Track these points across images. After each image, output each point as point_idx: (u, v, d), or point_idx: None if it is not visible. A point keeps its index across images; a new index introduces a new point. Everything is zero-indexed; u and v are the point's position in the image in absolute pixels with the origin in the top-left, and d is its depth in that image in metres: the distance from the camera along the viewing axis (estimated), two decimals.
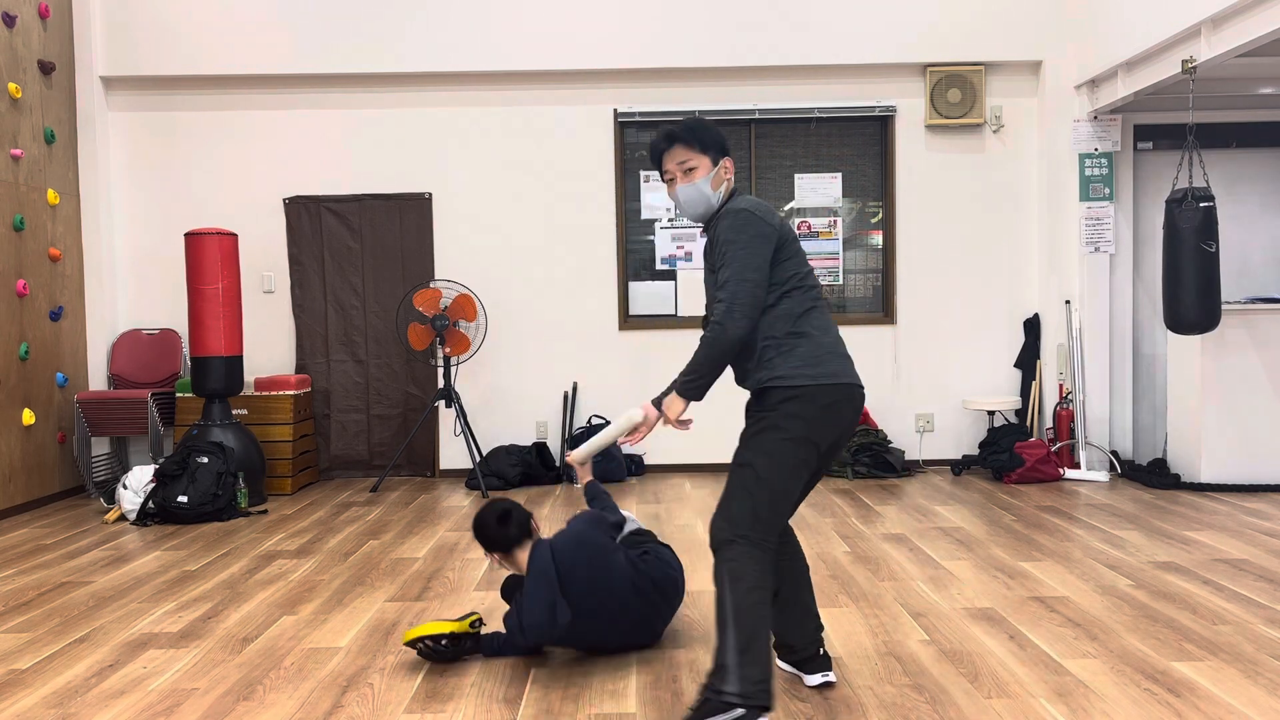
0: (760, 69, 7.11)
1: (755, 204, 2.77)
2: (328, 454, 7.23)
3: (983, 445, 6.86)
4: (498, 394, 7.24)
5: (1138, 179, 7.17)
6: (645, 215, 7.29)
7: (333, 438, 7.21)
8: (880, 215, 7.32)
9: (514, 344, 7.23)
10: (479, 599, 4.09)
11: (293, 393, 6.71)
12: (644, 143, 7.29)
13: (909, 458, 7.24)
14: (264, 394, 6.68)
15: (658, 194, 7.28)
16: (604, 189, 7.22)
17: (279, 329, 7.25)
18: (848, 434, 2.80)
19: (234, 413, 6.56)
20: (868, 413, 7.21)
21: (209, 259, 6.16)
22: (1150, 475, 6.41)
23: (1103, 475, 6.61)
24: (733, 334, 2.66)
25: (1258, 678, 3.08)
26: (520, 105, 7.20)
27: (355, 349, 7.22)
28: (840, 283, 7.32)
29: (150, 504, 5.71)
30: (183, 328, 7.17)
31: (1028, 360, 7.15)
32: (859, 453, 6.87)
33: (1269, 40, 5.00)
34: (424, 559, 4.79)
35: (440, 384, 7.16)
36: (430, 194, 7.22)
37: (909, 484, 6.65)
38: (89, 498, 6.63)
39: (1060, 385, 7.02)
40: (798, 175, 7.27)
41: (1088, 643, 3.42)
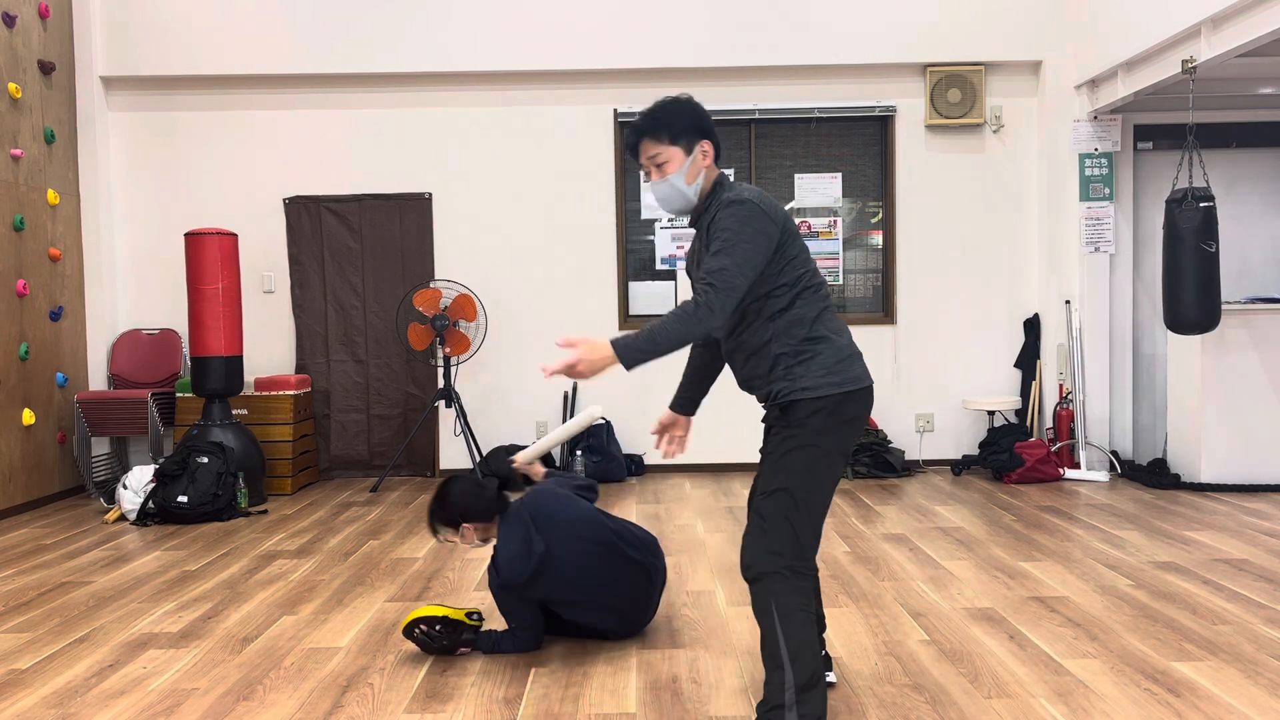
0: (760, 69, 7.11)
1: (759, 196, 2.60)
2: (328, 454, 7.23)
3: (983, 445, 6.86)
4: (498, 394, 7.24)
5: (1138, 179, 7.17)
6: (645, 215, 7.29)
7: (333, 438, 7.21)
8: (880, 215, 7.32)
9: (514, 344, 7.23)
10: (479, 599, 4.09)
11: (293, 393, 6.71)
12: None
13: (909, 458, 7.24)
14: (264, 394, 6.68)
15: None
16: (604, 189, 7.22)
17: (279, 329, 7.25)
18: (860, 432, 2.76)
19: (234, 413, 6.55)
20: None
21: (209, 259, 6.16)
22: (1150, 475, 6.41)
23: (1103, 475, 6.61)
24: (713, 324, 2.46)
25: (1258, 678, 3.08)
26: (520, 105, 7.20)
27: (355, 349, 7.22)
28: (840, 283, 7.32)
29: (150, 504, 5.71)
30: (183, 328, 7.17)
31: (1028, 360, 7.15)
32: (859, 453, 6.87)
33: (1269, 40, 5.00)
34: (424, 559, 4.79)
35: (440, 384, 7.16)
36: (430, 194, 7.22)
37: (909, 484, 6.65)
38: (89, 498, 6.63)
39: (1060, 385, 7.02)
40: (798, 175, 7.27)
41: (1088, 643, 3.42)
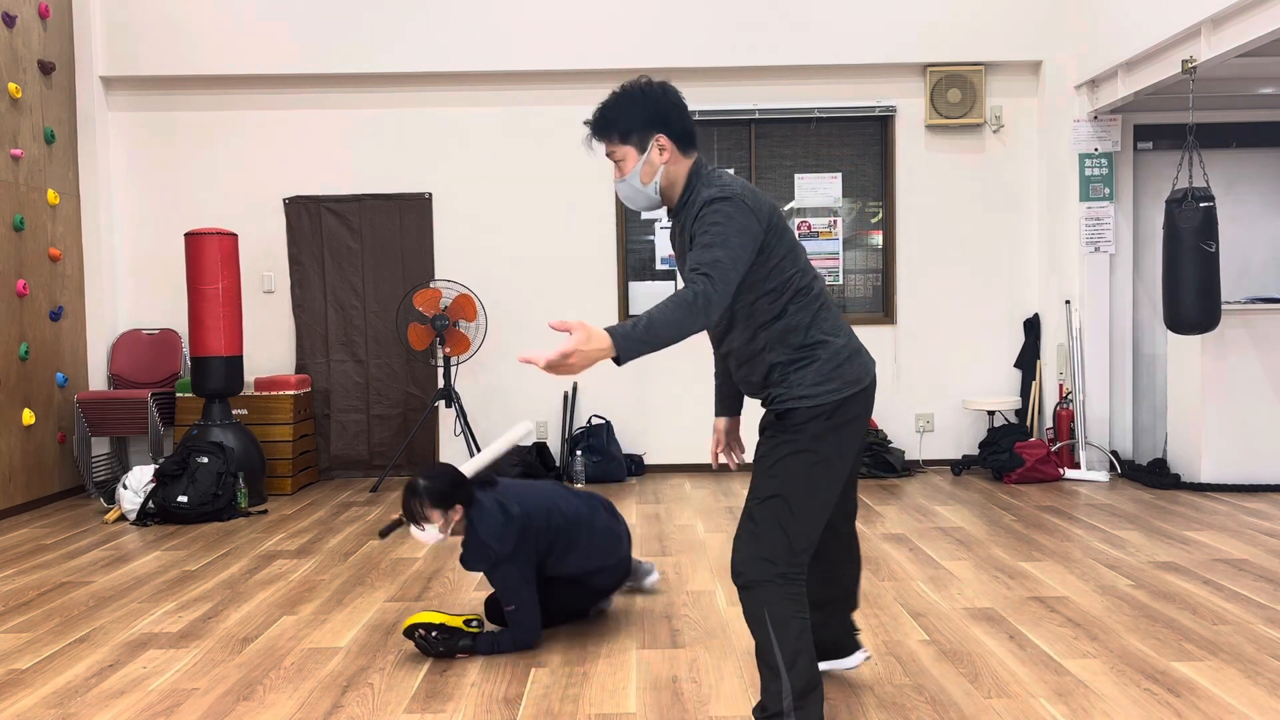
0: (760, 69, 7.11)
1: (743, 190, 2.45)
2: (328, 454, 7.23)
3: (983, 445, 6.86)
4: (498, 394, 7.24)
5: (1138, 179, 7.16)
6: (645, 215, 7.29)
7: (333, 438, 7.21)
8: (880, 215, 7.32)
9: (514, 344, 7.23)
10: (479, 599, 4.09)
11: (293, 393, 6.71)
12: None
13: (909, 458, 7.24)
14: (264, 394, 6.67)
15: None
16: (604, 189, 7.22)
17: (279, 329, 7.25)
18: (867, 426, 2.75)
19: (234, 413, 6.55)
20: None
21: (209, 259, 6.16)
22: (1150, 475, 6.41)
23: (1103, 475, 6.61)
24: (711, 317, 2.30)
25: (1258, 678, 3.08)
26: (520, 105, 7.20)
27: (355, 349, 7.22)
28: (840, 283, 7.31)
29: (150, 504, 5.71)
30: (183, 328, 7.17)
31: (1028, 360, 7.15)
32: (859, 452, 6.86)
33: (1269, 40, 5.00)
34: (424, 559, 4.79)
35: (440, 384, 7.15)
36: (430, 194, 7.22)
37: (909, 484, 6.65)
38: (89, 498, 6.63)
39: (1060, 385, 7.01)
40: (798, 175, 7.27)
41: (1088, 643, 3.42)
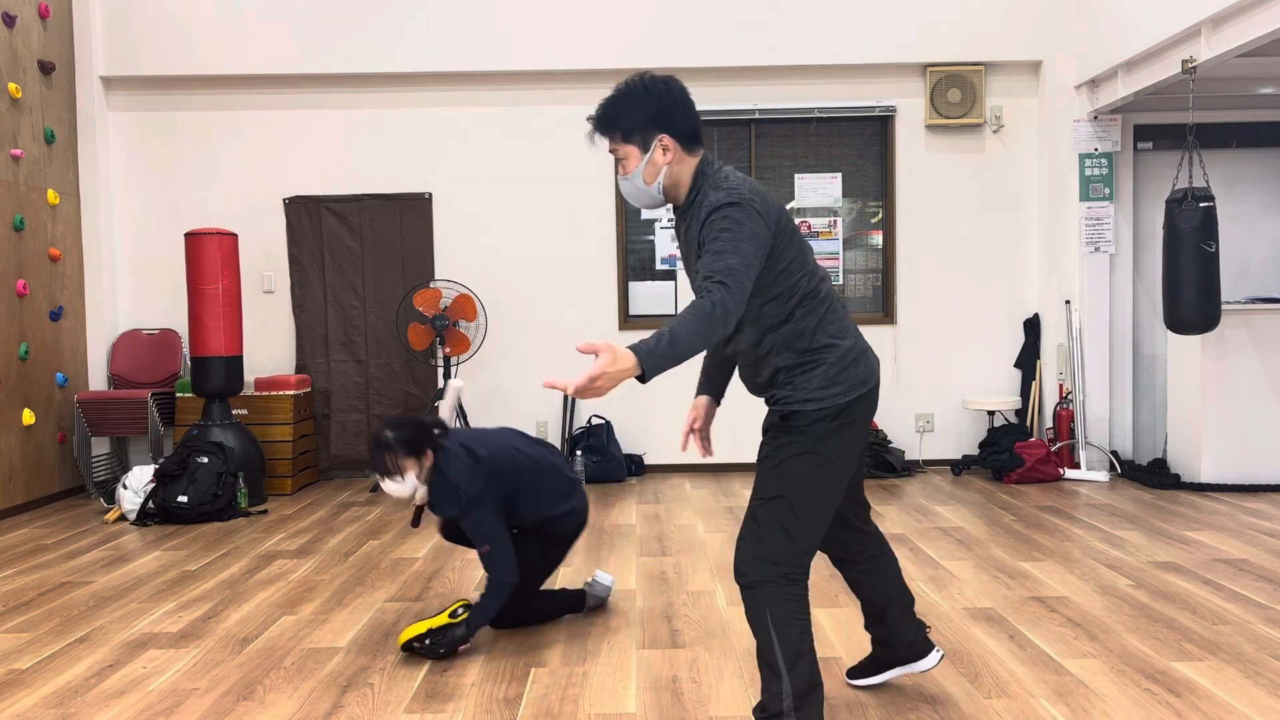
0: (760, 69, 7.11)
1: (752, 192, 2.41)
2: (328, 454, 7.22)
3: (983, 445, 6.86)
4: (498, 394, 7.24)
5: (1138, 179, 7.16)
6: (645, 215, 7.29)
7: (333, 438, 7.21)
8: (880, 215, 7.32)
9: (514, 344, 7.23)
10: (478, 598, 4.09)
11: (293, 393, 6.71)
12: None
13: (909, 458, 7.24)
14: (264, 394, 6.67)
15: None
16: (604, 189, 7.22)
17: (279, 329, 7.25)
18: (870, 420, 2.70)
19: (234, 413, 6.55)
20: None
21: (209, 259, 6.16)
22: (1150, 475, 6.41)
23: (1103, 475, 6.61)
24: (729, 326, 2.26)
25: (1258, 678, 3.07)
26: (520, 105, 7.20)
27: (355, 349, 7.22)
28: (840, 283, 7.31)
29: (150, 504, 5.71)
30: (183, 328, 7.17)
31: (1028, 360, 7.14)
32: (862, 452, 6.86)
33: (1269, 40, 5.00)
34: (424, 559, 4.79)
35: (440, 384, 7.15)
36: (430, 194, 7.22)
37: (909, 484, 6.65)
38: (89, 498, 6.63)
39: (1060, 385, 7.01)
40: (798, 175, 7.27)
41: (1088, 643, 3.42)
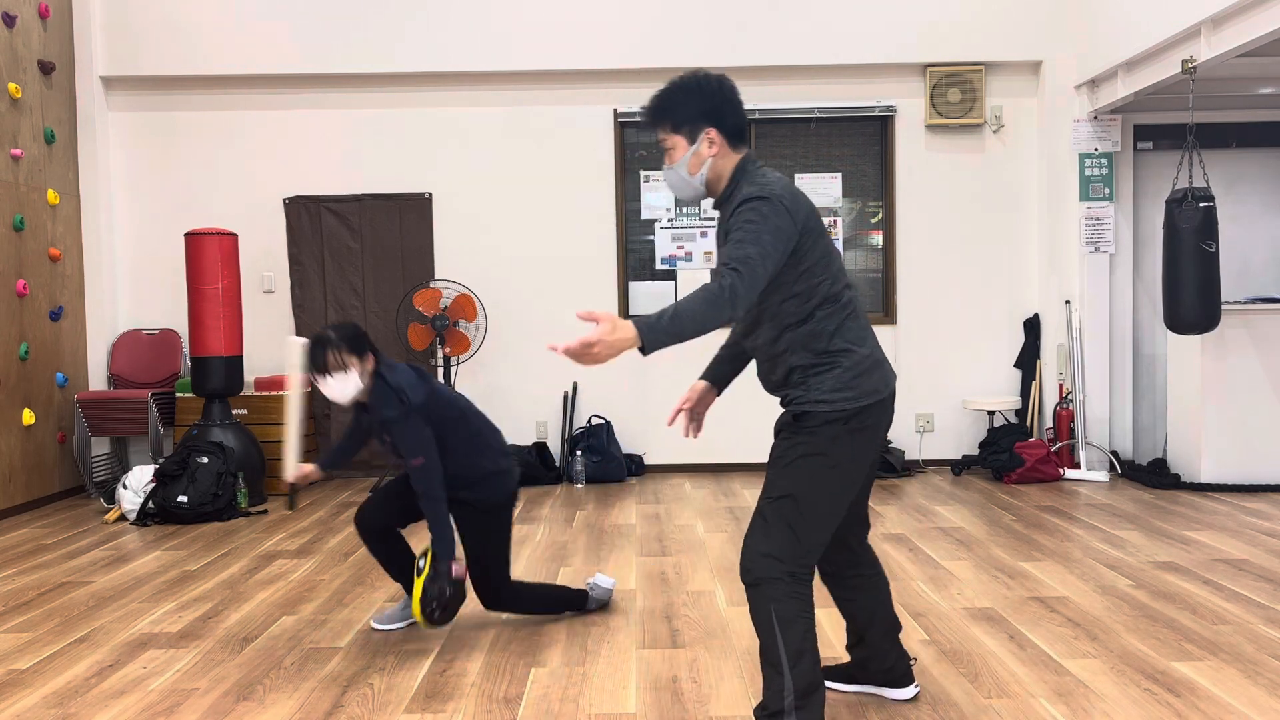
0: (760, 69, 7.11)
1: (783, 189, 2.47)
2: (328, 454, 7.21)
3: (983, 445, 6.86)
4: (498, 394, 7.23)
5: (1138, 179, 7.16)
6: (645, 215, 7.29)
7: (333, 438, 7.21)
8: (880, 215, 7.32)
9: (514, 344, 7.23)
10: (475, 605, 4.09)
11: None
12: (644, 142, 7.29)
13: (909, 458, 7.24)
14: (264, 394, 6.67)
15: (658, 194, 7.28)
16: (604, 189, 7.22)
17: (279, 329, 7.24)
18: (886, 435, 2.69)
19: (234, 413, 6.55)
20: None
21: (209, 259, 6.16)
22: (1150, 475, 6.41)
23: (1103, 475, 6.61)
24: (736, 312, 2.32)
25: (1258, 678, 3.08)
26: (520, 105, 7.20)
27: None
28: None
29: (150, 504, 5.71)
30: (183, 328, 7.17)
31: (1028, 360, 7.14)
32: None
33: (1269, 40, 5.00)
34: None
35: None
36: (430, 194, 7.21)
37: (909, 484, 6.65)
38: (89, 498, 6.63)
39: (1060, 385, 7.01)
40: (798, 175, 7.26)
41: (1088, 643, 3.42)
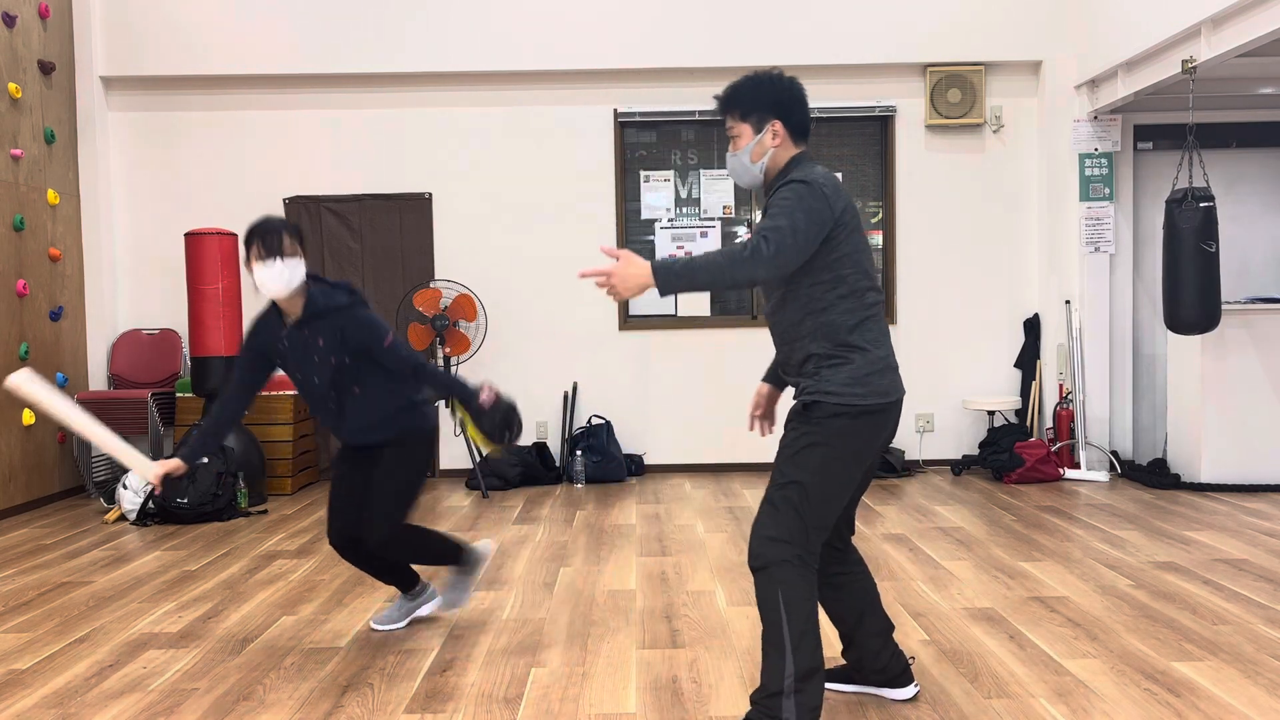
0: (760, 69, 7.09)
1: (825, 179, 2.63)
2: (328, 454, 7.22)
3: (983, 445, 6.86)
4: None
5: (1138, 179, 7.16)
6: (645, 215, 7.29)
7: (333, 438, 7.21)
8: (880, 215, 7.32)
9: (514, 344, 7.23)
10: (479, 598, 4.09)
11: (293, 393, 6.70)
12: (644, 142, 7.29)
13: (909, 458, 7.24)
14: (264, 394, 6.67)
15: (658, 194, 7.28)
16: (604, 189, 7.21)
17: None
18: (888, 444, 2.74)
19: None
20: None
21: (209, 259, 6.16)
22: (1150, 475, 6.41)
23: (1103, 475, 6.61)
24: (756, 274, 2.46)
25: (1258, 678, 3.08)
26: (520, 105, 7.20)
27: None
28: None
29: (150, 504, 5.71)
30: (183, 328, 7.17)
31: (1028, 360, 7.14)
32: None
33: (1269, 40, 5.00)
34: None
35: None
36: (430, 194, 7.21)
37: (909, 484, 6.65)
38: (89, 498, 6.63)
39: (1060, 385, 7.01)
40: None
41: (1088, 643, 3.42)
